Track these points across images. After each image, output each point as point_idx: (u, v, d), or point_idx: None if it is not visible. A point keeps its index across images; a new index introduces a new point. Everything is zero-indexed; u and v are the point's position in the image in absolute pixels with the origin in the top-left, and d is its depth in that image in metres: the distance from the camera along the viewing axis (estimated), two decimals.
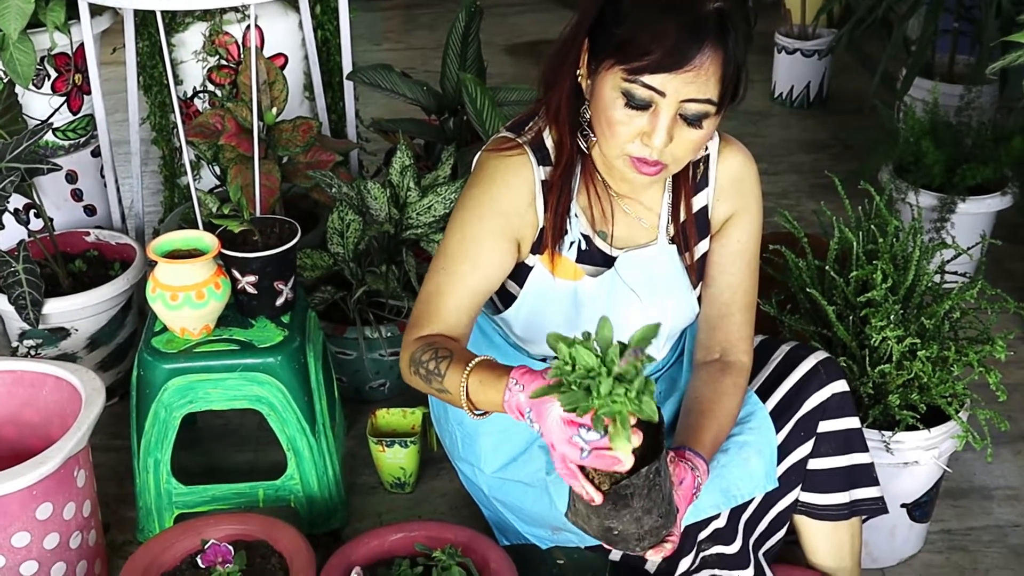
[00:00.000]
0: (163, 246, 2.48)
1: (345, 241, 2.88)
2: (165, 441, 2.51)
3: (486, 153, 2.04)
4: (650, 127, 1.82)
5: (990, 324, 2.49)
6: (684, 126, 1.83)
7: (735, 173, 2.09)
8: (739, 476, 2.09)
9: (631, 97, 1.80)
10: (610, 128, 1.85)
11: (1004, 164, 3.42)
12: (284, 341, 2.52)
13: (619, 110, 1.82)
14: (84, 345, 2.97)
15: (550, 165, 1.99)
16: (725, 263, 2.12)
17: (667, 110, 1.80)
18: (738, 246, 2.11)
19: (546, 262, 2.04)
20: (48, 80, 3.18)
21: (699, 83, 1.78)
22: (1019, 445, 2.95)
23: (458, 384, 1.81)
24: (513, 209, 1.99)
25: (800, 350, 2.22)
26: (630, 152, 1.86)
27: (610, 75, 1.82)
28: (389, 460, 2.72)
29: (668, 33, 1.75)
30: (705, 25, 1.76)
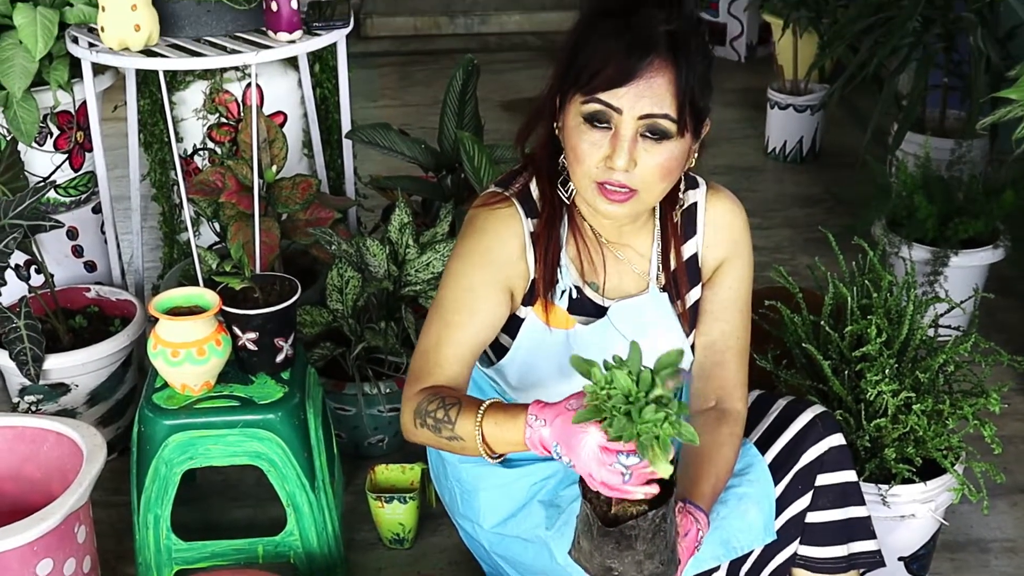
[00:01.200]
0: (164, 303, 2.50)
1: (344, 298, 2.90)
2: (165, 497, 2.52)
3: (476, 208, 2.08)
4: (612, 148, 1.86)
5: (984, 377, 2.51)
6: (646, 146, 1.86)
7: (724, 220, 2.11)
8: (739, 528, 2.09)
9: (591, 118, 1.86)
10: (576, 157, 1.90)
11: (995, 217, 3.46)
12: (284, 397, 2.53)
13: (582, 136, 1.88)
14: (84, 401, 2.99)
15: (537, 217, 2.03)
16: (718, 311, 2.13)
17: (626, 127, 1.84)
18: (730, 293, 2.13)
19: (539, 312, 2.06)
20: (50, 138, 3.22)
21: (652, 96, 1.82)
22: (1015, 497, 2.96)
23: (472, 429, 1.82)
24: (504, 259, 2.02)
25: (797, 404, 2.24)
26: (596, 178, 1.90)
27: (572, 105, 1.88)
28: (388, 516, 2.73)
29: (619, 51, 1.82)
30: (654, 42, 1.82)
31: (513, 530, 2.21)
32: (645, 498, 1.65)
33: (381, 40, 6.70)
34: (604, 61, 1.83)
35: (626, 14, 1.85)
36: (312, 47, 3.03)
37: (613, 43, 1.83)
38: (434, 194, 3.29)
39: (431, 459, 2.41)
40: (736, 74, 6.04)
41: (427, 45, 6.66)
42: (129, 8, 2.82)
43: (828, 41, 4.34)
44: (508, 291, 2.04)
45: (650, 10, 1.85)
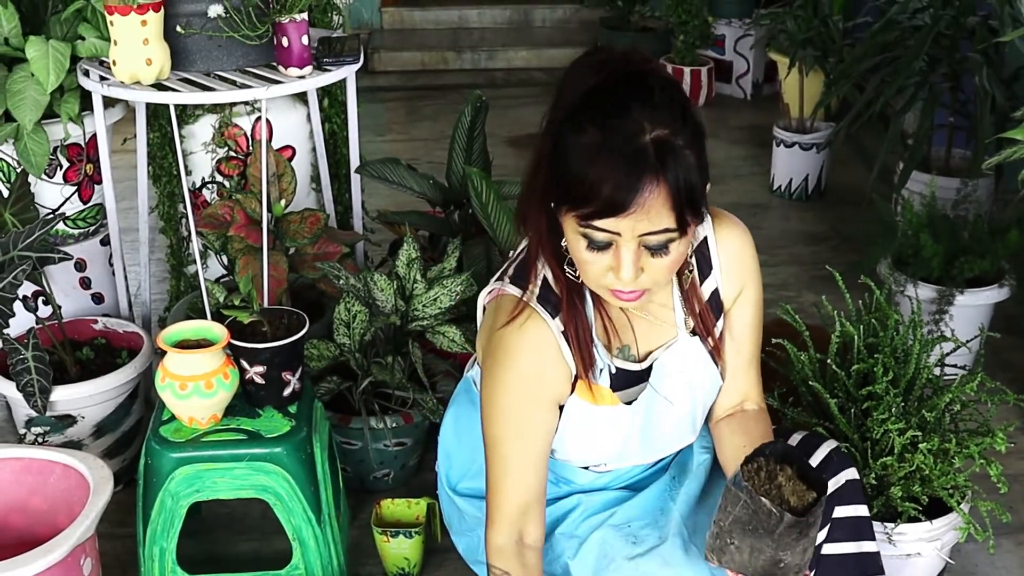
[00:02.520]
0: (172, 336, 2.51)
1: (351, 332, 2.91)
2: (171, 530, 2.52)
3: (500, 330, 2.00)
4: (616, 263, 1.83)
5: (990, 416, 2.51)
6: (651, 256, 1.84)
7: (735, 250, 2.11)
8: None
9: (590, 240, 1.82)
10: (581, 267, 1.89)
11: (1001, 256, 3.46)
12: (291, 431, 2.54)
13: (583, 251, 1.85)
14: (90, 432, 2.99)
15: (561, 310, 1.99)
16: (739, 334, 2.15)
17: (627, 245, 1.81)
18: (748, 317, 2.14)
19: (583, 395, 2.04)
20: (60, 170, 3.23)
21: (650, 218, 1.77)
22: (1021, 536, 2.95)
23: None
24: (546, 376, 2.00)
25: (812, 438, 2.24)
26: (606, 285, 1.88)
27: (567, 218, 1.84)
28: (393, 550, 2.73)
29: (606, 178, 1.75)
30: (642, 162, 1.75)
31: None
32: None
33: (389, 75, 6.75)
34: (593, 191, 1.76)
35: (605, 117, 1.78)
36: (322, 83, 3.04)
37: (599, 167, 1.76)
38: (442, 229, 3.31)
39: (444, 506, 2.40)
40: (742, 112, 6.07)
41: (435, 80, 6.70)
42: (141, 42, 2.84)
43: (834, 79, 4.36)
44: (555, 403, 2.03)
45: (631, 115, 1.77)
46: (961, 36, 3.87)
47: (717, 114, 6.01)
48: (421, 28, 7.21)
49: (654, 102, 1.78)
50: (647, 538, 2.13)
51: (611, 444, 2.11)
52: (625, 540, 2.13)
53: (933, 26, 3.75)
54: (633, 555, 2.09)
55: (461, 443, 2.31)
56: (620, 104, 1.79)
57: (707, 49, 6.22)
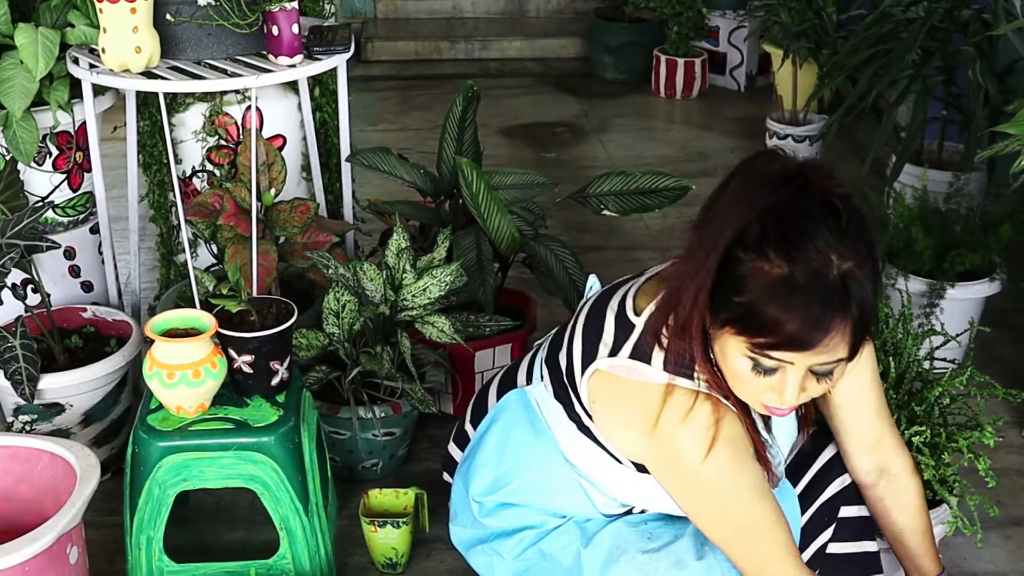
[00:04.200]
0: (160, 325, 2.51)
1: (340, 321, 2.90)
2: (158, 519, 2.51)
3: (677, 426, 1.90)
4: (780, 385, 1.79)
5: (979, 410, 2.51)
6: (816, 380, 1.80)
7: None
8: None
9: (757, 364, 1.78)
10: (739, 384, 1.84)
11: (992, 250, 3.46)
12: (279, 421, 2.53)
13: (746, 372, 1.80)
14: (78, 421, 2.98)
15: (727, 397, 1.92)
16: (858, 398, 2.10)
17: (796, 373, 1.77)
18: (864, 382, 2.08)
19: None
20: (49, 158, 3.22)
21: (828, 353, 1.73)
22: (1008, 530, 2.95)
23: None
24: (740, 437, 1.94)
25: (819, 436, 2.24)
26: (763, 401, 1.85)
27: (733, 339, 1.78)
28: (381, 540, 2.72)
29: (793, 316, 1.69)
30: (833, 302, 1.69)
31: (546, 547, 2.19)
32: None
33: (382, 64, 6.73)
34: (777, 327, 1.70)
35: (791, 246, 1.69)
36: (312, 71, 3.04)
37: (786, 304, 1.69)
38: (432, 219, 3.30)
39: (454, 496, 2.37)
40: (735, 103, 6.06)
41: (428, 70, 6.68)
42: (130, 30, 2.83)
43: (827, 72, 4.36)
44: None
45: (819, 246, 1.69)
46: (955, 29, 3.86)
47: (710, 106, 6.00)
48: (415, 17, 7.19)
49: (842, 229, 1.71)
50: (662, 535, 2.12)
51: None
52: (640, 536, 2.12)
53: (927, 19, 3.75)
54: (647, 549, 2.09)
55: (503, 459, 2.24)
56: (807, 231, 1.70)
57: (701, 41, 6.21)
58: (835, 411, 2.13)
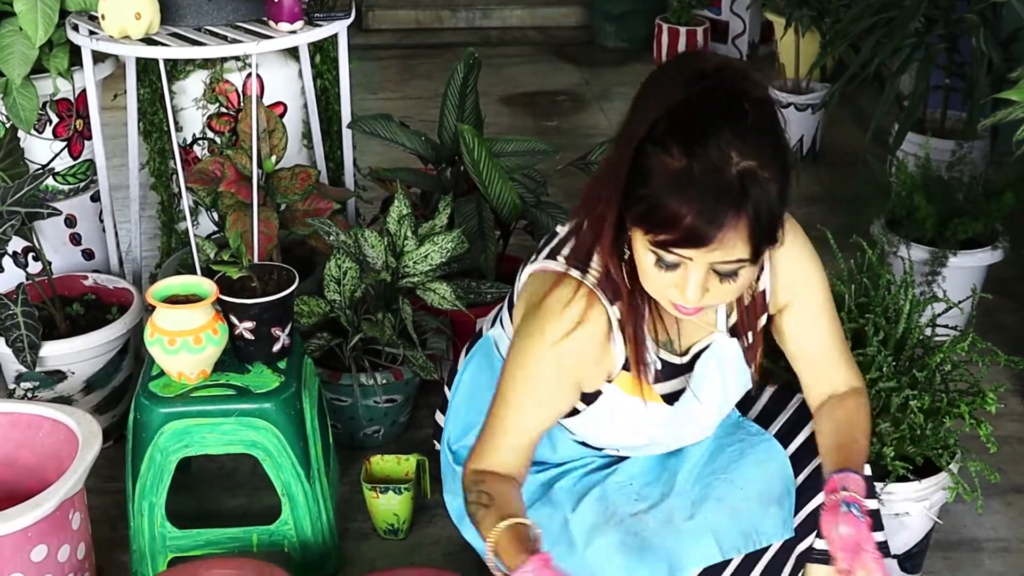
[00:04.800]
0: (162, 291, 2.51)
1: (342, 288, 2.90)
2: (160, 485, 2.52)
3: (555, 304, 1.93)
4: (682, 282, 1.79)
5: (981, 377, 2.51)
6: (719, 280, 1.80)
7: (787, 251, 2.00)
8: (760, 521, 2.10)
9: (660, 259, 1.78)
10: (645, 277, 1.84)
11: (995, 218, 3.46)
12: (280, 387, 2.53)
13: (650, 267, 1.80)
14: (80, 388, 2.99)
15: (620, 300, 1.93)
16: (807, 330, 2.09)
17: (697, 270, 1.77)
18: (813, 311, 2.08)
19: (627, 387, 2.01)
20: (50, 125, 3.21)
21: (725, 249, 1.72)
22: (1009, 497, 2.96)
23: (487, 534, 1.86)
24: (583, 360, 1.95)
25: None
26: (668, 298, 1.84)
27: (637, 233, 1.78)
28: (383, 506, 2.73)
29: (687, 210, 1.68)
30: (727, 197, 1.68)
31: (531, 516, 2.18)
32: None
33: (383, 33, 6.70)
34: (672, 220, 1.69)
35: (692, 141, 1.69)
36: (313, 38, 3.03)
37: (681, 198, 1.68)
38: (433, 186, 3.29)
39: (442, 460, 2.39)
40: None
41: (429, 39, 6.66)
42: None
43: (830, 40, 4.34)
44: (578, 386, 1.99)
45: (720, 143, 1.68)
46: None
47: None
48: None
49: (746, 128, 1.70)
50: (650, 495, 2.13)
51: (640, 437, 2.09)
52: (627, 497, 2.12)
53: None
54: (635, 511, 2.09)
55: (472, 404, 2.27)
56: (710, 128, 1.69)
57: (703, 9, 6.19)
58: (787, 341, 2.11)
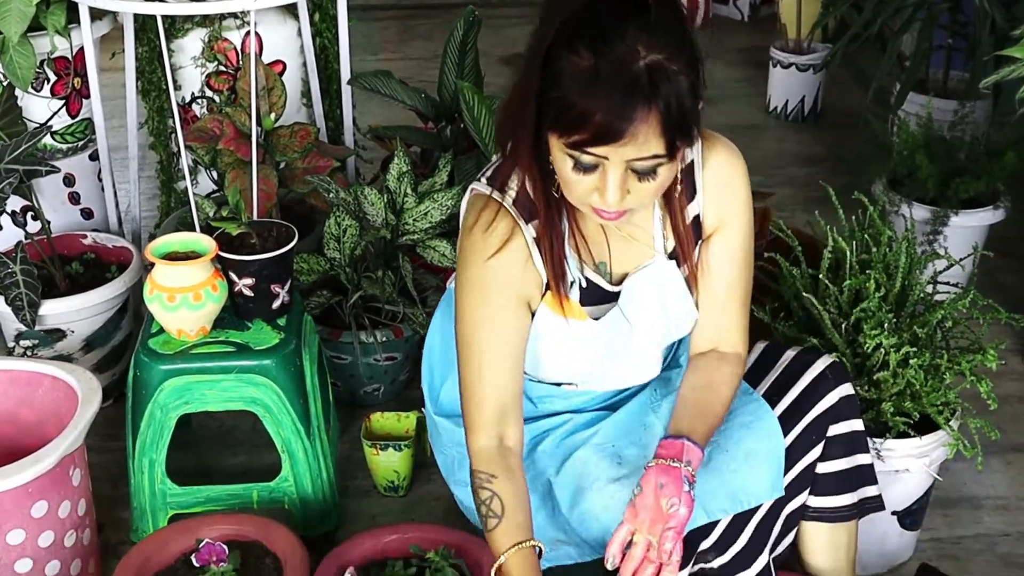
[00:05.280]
0: (161, 248, 2.50)
1: (341, 246, 2.89)
2: (160, 442, 2.52)
3: (472, 229, 1.99)
4: (602, 185, 1.80)
5: (981, 335, 2.50)
6: (638, 179, 1.81)
7: (722, 177, 2.05)
8: (747, 483, 2.09)
9: (576, 161, 1.79)
10: (566, 185, 1.85)
11: (997, 178, 3.44)
12: (280, 344, 2.53)
13: (569, 171, 1.81)
14: (80, 347, 2.98)
15: (536, 218, 1.97)
16: (719, 265, 2.09)
17: (614, 169, 1.78)
18: (732, 248, 2.09)
19: (552, 307, 2.03)
20: (47, 83, 3.20)
21: (638, 145, 1.73)
22: (1009, 456, 2.96)
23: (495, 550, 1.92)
24: (513, 279, 1.98)
25: (806, 355, 2.23)
26: (590, 203, 1.85)
27: (553, 138, 1.80)
28: (383, 463, 2.73)
29: (597, 107, 1.70)
30: (635, 90, 1.70)
31: None
32: None
33: None
34: (583, 119, 1.72)
35: (598, 39, 1.71)
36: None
37: (590, 95, 1.71)
38: (433, 144, 3.28)
39: (428, 417, 2.40)
40: (739, 33, 6.02)
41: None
42: None
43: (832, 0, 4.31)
44: (525, 303, 2.01)
45: (626, 38, 1.70)
46: None
47: (714, 36, 5.94)
48: None
49: (651, 23, 1.72)
50: (630, 457, 2.12)
51: (579, 361, 2.10)
52: (609, 461, 2.12)
53: None
54: (618, 476, 2.09)
55: (444, 353, 2.30)
56: (615, 25, 1.72)
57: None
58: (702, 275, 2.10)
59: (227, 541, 2.32)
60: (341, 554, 2.30)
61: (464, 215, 2.04)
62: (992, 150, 3.48)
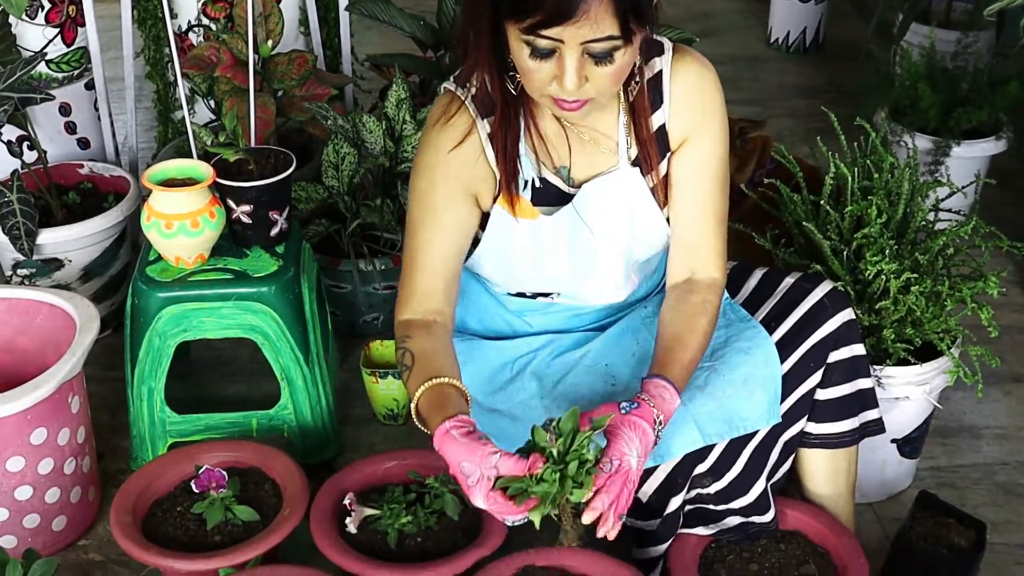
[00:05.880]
0: (158, 175, 2.48)
1: (340, 174, 2.87)
2: (159, 370, 2.51)
3: (429, 125, 2.03)
4: (560, 71, 1.80)
5: (983, 263, 2.49)
6: (595, 64, 1.80)
7: (690, 88, 2.02)
8: (744, 408, 2.09)
9: (533, 48, 1.79)
10: (525, 76, 1.85)
11: (999, 108, 3.42)
12: (279, 271, 2.52)
13: (526, 60, 1.81)
14: (78, 276, 2.97)
15: (494, 115, 1.98)
16: (689, 179, 2.06)
17: (571, 53, 1.77)
18: (701, 162, 2.05)
19: (505, 206, 2.03)
20: (42, 11, 3.15)
21: (591, 25, 1.73)
22: (1008, 386, 2.97)
23: (411, 396, 1.93)
24: (460, 169, 2.00)
25: (806, 281, 2.22)
26: (549, 93, 1.85)
27: (510, 28, 1.80)
28: (382, 391, 2.73)
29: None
30: None
31: (503, 404, 2.18)
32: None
33: None
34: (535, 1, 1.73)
35: None
36: None
37: None
38: (432, 73, 3.25)
39: None
40: None
41: None
42: None
43: None
44: (472, 197, 2.02)
45: None
46: None
47: None
48: None
49: None
50: (624, 375, 2.13)
51: (537, 264, 2.09)
52: (603, 380, 2.13)
53: None
54: (612, 394, 2.10)
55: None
56: None
57: None
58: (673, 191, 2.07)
59: (226, 468, 2.32)
60: (340, 481, 2.31)
61: (431, 110, 2.06)
62: (995, 80, 3.46)
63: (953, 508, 2.32)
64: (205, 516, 2.24)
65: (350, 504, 2.20)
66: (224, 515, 2.24)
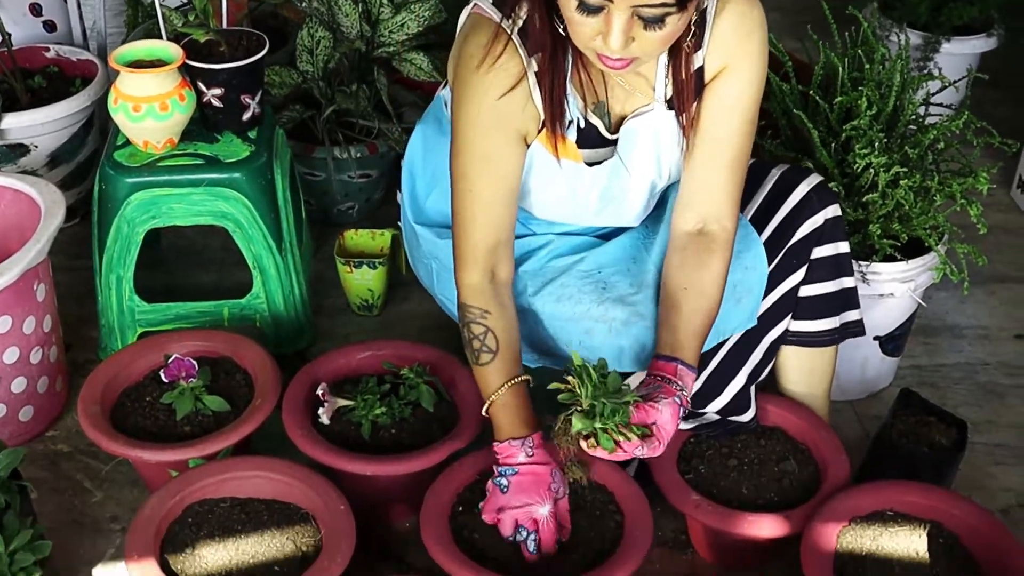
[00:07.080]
0: (126, 55, 2.40)
1: (315, 59, 2.79)
2: (128, 257, 2.45)
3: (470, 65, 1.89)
4: (606, 29, 1.71)
5: (972, 159, 2.45)
6: (644, 28, 1.72)
7: (732, 28, 1.92)
8: (729, 316, 2.06)
9: (581, 2, 1.70)
10: (571, 26, 1.76)
11: (991, 5, 3.36)
12: (250, 156, 2.45)
13: (573, 11, 1.72)
14: (44, 163, 2.90)
15: (540, 52, 1.88)
16: (715, 116, 1.97)
17: (619, 14, 1.69)
18: (730, 100, 1.96)
19: (547, 145, 1.96)
20: None
21: None
22: (992, 286, 2.94)
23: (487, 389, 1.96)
24: (512, 115, 1.91)
25: (792, 175, 2.15)
26: (594, 48, 1.77)
27: None
28: (357, 281, 2.68)
29: None
30: None
31: None
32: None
33: None
34: None
35: None
36: None
37: None
38: None
39: (404, 230, 2.33)
40: None
41: None
42: None
43: None
44: (523, 139, 1.95)
45: None
46: None
47: None
48: None
49: None
50: (617, 285, 2.07)
51: (568, 202, 2.04)
52: (594, 286, 2.08)
53: None
54: (603, 300, 2.05)
55: (427, 163, 2.23)
56: None
57: None
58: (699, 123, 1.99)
59: (197, 357, 2.28)
60: (313, 371, 2.26)
61: (466, 38, 1.93)
62: None
63: (934, 407, 2.29)
64: (175, 406, 2.20)
65: (323, 395, 2.16)
66: (194, 405, 2.20)
